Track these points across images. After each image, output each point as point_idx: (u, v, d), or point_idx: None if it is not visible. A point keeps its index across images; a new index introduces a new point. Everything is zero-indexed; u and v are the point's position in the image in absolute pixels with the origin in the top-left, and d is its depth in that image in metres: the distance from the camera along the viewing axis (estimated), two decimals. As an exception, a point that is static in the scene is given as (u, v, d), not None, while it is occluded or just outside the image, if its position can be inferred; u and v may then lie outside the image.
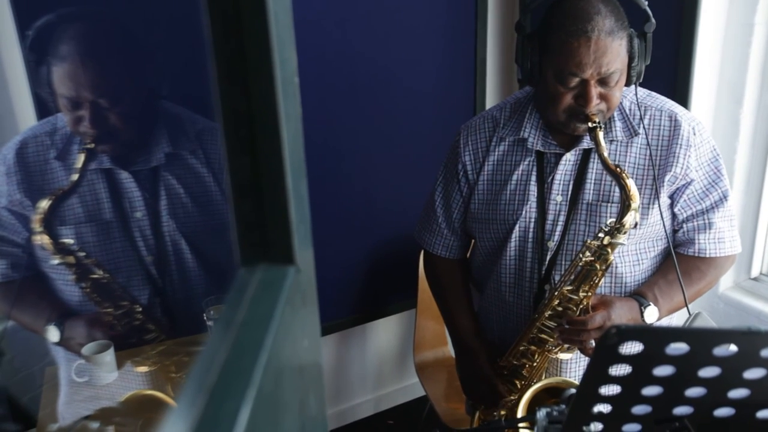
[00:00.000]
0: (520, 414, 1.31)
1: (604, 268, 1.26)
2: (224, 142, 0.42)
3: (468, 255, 1.63)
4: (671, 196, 1.35)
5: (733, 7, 1.80)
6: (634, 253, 1.37)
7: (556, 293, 1.32)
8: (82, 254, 1.22)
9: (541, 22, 1.27)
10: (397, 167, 2.26)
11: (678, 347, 0.65)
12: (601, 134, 1.22)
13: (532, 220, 1.38)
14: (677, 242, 1.39)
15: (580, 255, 1.28)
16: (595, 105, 1.23)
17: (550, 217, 1.37)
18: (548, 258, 1.38)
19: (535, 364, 1.41)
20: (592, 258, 1.26)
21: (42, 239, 1.19)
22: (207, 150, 1.31)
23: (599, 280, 1.28)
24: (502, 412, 1.45)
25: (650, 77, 1.32)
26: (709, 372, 0.68)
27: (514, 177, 1.39)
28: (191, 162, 1.30)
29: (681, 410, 0.74)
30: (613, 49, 1.19)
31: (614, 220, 1.24)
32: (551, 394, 1.35)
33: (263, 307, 0.42)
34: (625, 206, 1.21)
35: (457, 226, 1.52)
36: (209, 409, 0.32)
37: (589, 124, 1.23)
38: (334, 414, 2.48)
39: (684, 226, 1.36)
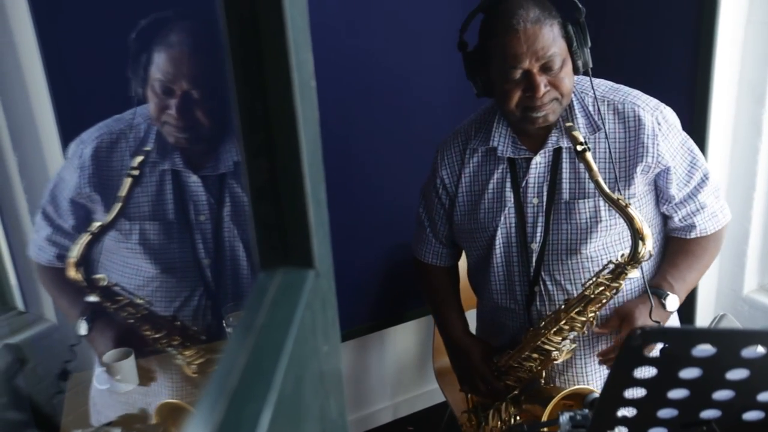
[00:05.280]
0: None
1: (614, 293, 1.29)
2: (242, 145, 0.42)
3: (458, 262, 1.66)
4: (655, 183, 1.37)
5: (753, 6, 1.77)
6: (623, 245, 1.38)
7: (562, 315, 1.33)
8: (117, 288, 1.24)
9: (478, 36, 1.34)
10: (412, 172, 2.24)
11: (704, 349, 0.64)
12: (589, 155, 1.21)
13: (513, 225, 1.41)
14: (676, 229, 1.41)
15: (591, 286, 1.29)
16: (545, 93, 1.26)
17: (530, 219, 1.39)
18: (534, 259, 1.40)
19: (537, 368, 1.42)
20: (602, 288, 1.28)
21: (76, 276, 1.20)
22: None
23: (607, 301, 1.31)
24: (512, 410, 1.47)
25: (669, 77, 1.31)
26: (737, 374, 0.67)
27: (490, 185, 1.42)
28: None
29: (708, 414, 0.72)
30: (543, 35, 1.24)
31: (627, 254, 1.24)
32: (566, 398, 1.35)
33: (283, 311, 0.42)
34: (636, 239, 1.21)
35: (443, 237, 1.56)
36: (230, 413, 0.32)
37: (578, 148, 1.22)
38: (354, 420, 2.47)
39: (679, 212, 1.38)
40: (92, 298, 1.22)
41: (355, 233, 2.21)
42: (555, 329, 1.34)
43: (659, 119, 1.32)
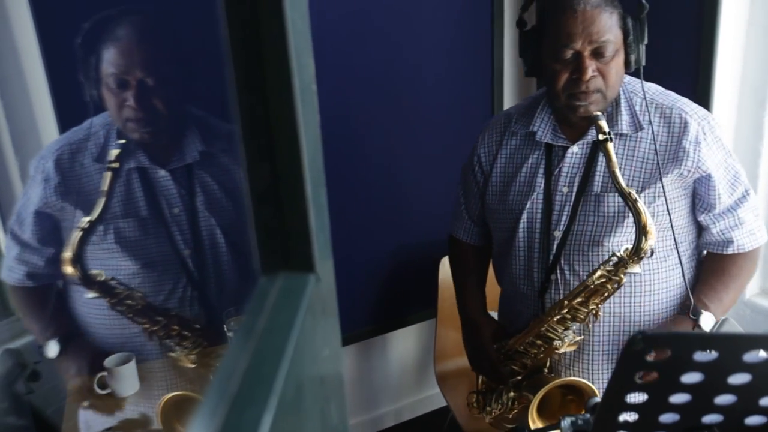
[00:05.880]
0: (533, 407, 1.33)
1: (615, 287, 1.30)
2: (243, 150, 0.42)
3: (488, 244, 1.69)
4: (695, 191, 1.37)
5: (754, 9, 1.77)
6: (662, 250, 1.38)
7: (566, 303, 1.35)
8: (114, 282, 1.25)
9: (537, 15, 1.35)
10: (414, 174, 2.25)
11: (706, 353, 0.64)
12: (610, 146, 1.23)
13: (539, 210, 1.43)
14: (713, 243, 1.40)
15: (593, 278, 1.31)
16: (591, 78, 1.26)
17: (557, 207, 1.41)
18: (555, 246, 1.41)
19: (540, 356, 1.45)
20: (604, 280, 1.30)
21: (74, 273, 1.21)
22: (238, 150, 1.34)
23: (609, 295, 1.32)
24: (511, 393, 1.51)
25: (671, 79, 1.31)
26: (739, 379, 0.67)
27: (524, 169, 1.45)
28: (224, 161, 1.35)
29: (710, 418, 0.72)
30: (601, 20, 1.25)
31: (629, 248, 1.26)
32: (567, 392, 1.37)
33: (284, 316, 0.41)
34: (640, 234, 1.23)
35: (475, 215, 1.61)
36: (231, 418, 0.32)
37: (600, 137, 1.24)
38: (356, 425, 2.47)
39: (717, 224, 1.37)
40: (91, 295, 1.22)
41: (356, 237, 2.20)
42: (558, 317, 1.37)
43: (705, 128, 1.33)
